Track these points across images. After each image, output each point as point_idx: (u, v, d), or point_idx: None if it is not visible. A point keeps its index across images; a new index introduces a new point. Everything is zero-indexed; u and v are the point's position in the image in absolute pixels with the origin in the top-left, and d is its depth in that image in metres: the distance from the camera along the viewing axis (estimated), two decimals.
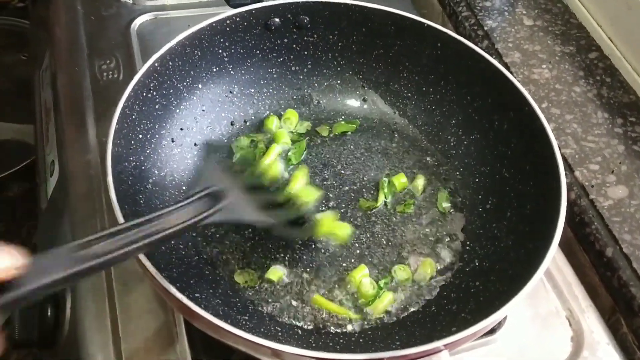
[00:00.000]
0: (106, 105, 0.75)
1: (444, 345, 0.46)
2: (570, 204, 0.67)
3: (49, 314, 0.60)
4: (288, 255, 0.61)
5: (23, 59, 1.31)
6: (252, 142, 0.70)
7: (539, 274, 0.50)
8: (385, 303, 0.58)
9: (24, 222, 1.21)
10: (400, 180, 0.67)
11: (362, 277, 0.59)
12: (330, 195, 0.66)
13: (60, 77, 0.79)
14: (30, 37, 1.07)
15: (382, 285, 0.59)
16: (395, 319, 0.58)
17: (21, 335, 0.58)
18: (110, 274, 0.60)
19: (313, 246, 0.62)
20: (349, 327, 0.57)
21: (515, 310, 0.57)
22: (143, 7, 0.88)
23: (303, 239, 0.62)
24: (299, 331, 0.56)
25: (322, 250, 0.62)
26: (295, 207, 0.61)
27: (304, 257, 0.61)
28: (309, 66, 0.73)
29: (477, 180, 0.67)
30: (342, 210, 0.65)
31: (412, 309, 0.59)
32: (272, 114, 0.72)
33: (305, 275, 0.60)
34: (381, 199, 0.66)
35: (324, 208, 0.65)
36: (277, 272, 0.59)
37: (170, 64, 0.62)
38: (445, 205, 0.66)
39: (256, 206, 0.55)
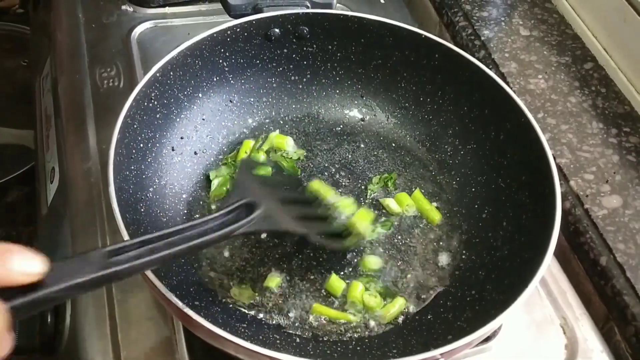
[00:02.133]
0: (106, 113, 0.75)
1: (441, 354, 0.47)
2: (565, 213, 0.68)
3: (49, 321, 0.61)
4: (287, 263, 0.62)
5: (23, 65, 1.31)
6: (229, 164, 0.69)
7: (534, 283, 0.50)
8: (397, 308, 0.59)
9: (24, 227, 1.21)
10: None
11: (361, 293, 0.59)
12: None
13: (61, 83, 0.80)
14: (31, 43, 1.08)
15: (380, 291, 0.60)
16: (392, 326, 0.59)
17: (21, 342, 0.59)
18: None
19: (312, 254, 0.62)
20: (347, 336, 0.57)
21: (511, 318, 0.58)
22: (143, 15, 0.88)
23: (343, 250, 0.62)
24: (297, 339, 0.56)
25: (320, 259, 0.62)
26: (335, 221, 0.62)
27: (303, 264, 0.62)
28: (308, 76, 0.74)
29: (473, 189, 0.67)
30: None
31: (409, 317, 0.59)
32: (247, 139, 0.71)
33: (304, 283, 0.60)
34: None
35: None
36: (276, 279, 0.60)
37: (171, 73, 0.63)
38: (442, 214, 0.67)
39: (291, 216, 0.56)
